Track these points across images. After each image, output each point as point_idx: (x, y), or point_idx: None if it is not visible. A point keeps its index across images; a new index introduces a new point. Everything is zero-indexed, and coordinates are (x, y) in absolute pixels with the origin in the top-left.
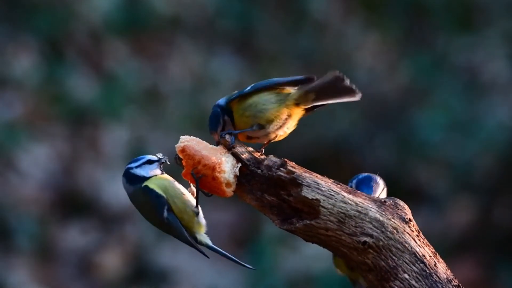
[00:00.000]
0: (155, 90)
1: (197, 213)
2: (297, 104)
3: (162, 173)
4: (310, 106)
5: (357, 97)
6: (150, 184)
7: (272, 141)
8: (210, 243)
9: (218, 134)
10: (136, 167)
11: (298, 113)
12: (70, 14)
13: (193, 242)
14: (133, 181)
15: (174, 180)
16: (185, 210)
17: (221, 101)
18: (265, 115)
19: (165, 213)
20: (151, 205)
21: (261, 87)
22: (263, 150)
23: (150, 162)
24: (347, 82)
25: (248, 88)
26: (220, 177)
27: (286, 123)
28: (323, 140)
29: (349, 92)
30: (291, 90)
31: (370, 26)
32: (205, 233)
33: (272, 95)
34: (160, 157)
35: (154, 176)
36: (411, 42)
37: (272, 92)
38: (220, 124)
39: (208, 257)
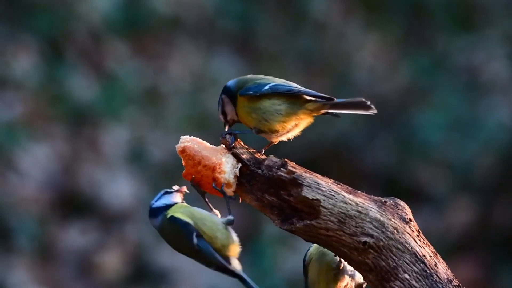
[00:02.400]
0: (155, 90)
1: (232, 222)
2: (310, 113)
3: (182, 201)
4: (320, 114)
5: (372, 112)
6: (175, 213)
7: (273, 144)
8: (241, 272)
9: (220, 115)
10: (156, 201)
11: (307, 120)
12: (70, 14)
13: (228, 266)
14: (157, 214)
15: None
16: (217, 229)
17: (231, 83)
18: (270, 124)
19: (195, 240)
20: (180, 234)
21: (277, 92)
22: (263, 150)
23: (167, 193)
24: (369, 103)
25: (267, 87)
26: (220, 177)
27: (292, 131)
28: (323, 140)
29: (367, 108)
30: (306, 97)
31: (370, 26)
32: (238, 258)
33: (285, 105)
34: (177, 188)
35: (175, 204)
36: (411, 42)
37: (286, 101)
38: (220, 104)
39: (242, 280)
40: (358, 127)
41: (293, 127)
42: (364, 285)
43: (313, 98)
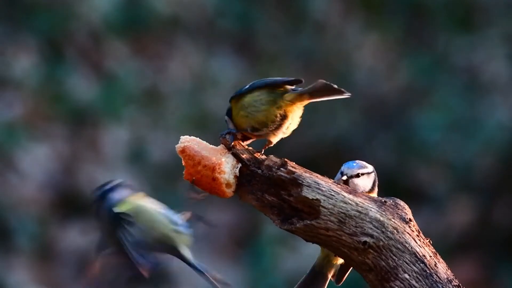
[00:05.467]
0: (155, 90)
1: (176, 224)
2: (292, 103)
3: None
4: (307, 103)
5: (346, 95)
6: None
7: (271, 144)
8: (191, 259)
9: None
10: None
11: (295, 111)
12: (70, 14)
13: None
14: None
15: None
16: (156, 221)
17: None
18: (256, 117)
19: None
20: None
21: (256, 87)
22: (263, 150)
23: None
24: (335, 86)
25: (247, 86)
26: (220, 178)
27: (283, 124)
28: (323, 140)
29: (339, 93)
30: (287, 87)
31: (370, 26)
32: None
33: (264, 96)
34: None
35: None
36: (411, 42)
37: (264, 92)
38: (226, 123)
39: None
40: (358, 127)
41: (282, 120)
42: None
43: (292, 88)
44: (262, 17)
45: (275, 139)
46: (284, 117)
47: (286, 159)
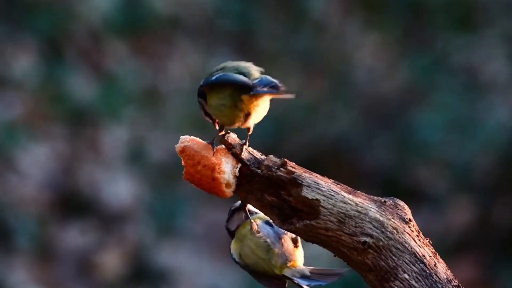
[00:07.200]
0: (155, 90)
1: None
2: (251, 102)
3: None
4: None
5: (291, 96)
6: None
7: (250, 132)
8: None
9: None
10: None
11: (259, 105)
12: (70, 14)
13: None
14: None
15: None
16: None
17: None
18: (221, 119)
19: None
20: None
21: (222, 82)
22: (247, 143)
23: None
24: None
25: (213, 78)
26: (219, 177)
27: (249, 119)
28: (323, 140)
29: (284, 92)
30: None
31: (370, 26)
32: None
33: (226, 100)
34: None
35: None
36: (411, 42)
37: (227, 95)
38: (199, 105)
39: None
40: (358, 127)
41: (246, 117)
42: (299, 240)
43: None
44: (262, 17)
45: (249, 125)
46: (248, 115)
47: (285, 159)
